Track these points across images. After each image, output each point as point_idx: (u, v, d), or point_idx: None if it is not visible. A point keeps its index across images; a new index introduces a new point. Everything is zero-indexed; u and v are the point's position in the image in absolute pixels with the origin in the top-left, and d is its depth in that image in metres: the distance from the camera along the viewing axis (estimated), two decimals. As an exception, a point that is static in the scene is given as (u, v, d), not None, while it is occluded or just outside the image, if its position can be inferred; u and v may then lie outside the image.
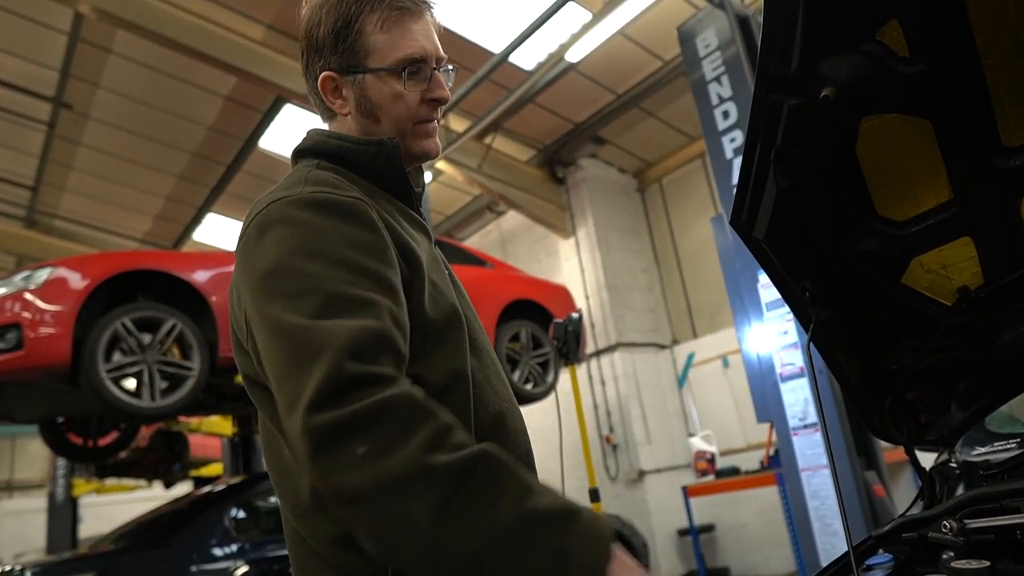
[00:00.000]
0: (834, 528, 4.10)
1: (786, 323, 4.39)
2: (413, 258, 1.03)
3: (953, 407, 1.63)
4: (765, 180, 1.24)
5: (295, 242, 0.93)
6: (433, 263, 1.12)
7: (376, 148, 1.11)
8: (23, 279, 3.84)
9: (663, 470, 8.31)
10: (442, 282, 1.10)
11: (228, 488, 4.57)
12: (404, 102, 1.13)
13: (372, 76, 1.12)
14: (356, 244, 0.94)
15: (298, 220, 0.95)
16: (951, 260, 1.36)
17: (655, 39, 7.20)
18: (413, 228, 1.12)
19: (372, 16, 1.11)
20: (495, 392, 1.10)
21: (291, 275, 0.91)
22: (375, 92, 1.13)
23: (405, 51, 1.11)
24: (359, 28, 1.11)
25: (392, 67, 1.11)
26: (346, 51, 1.12)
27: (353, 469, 0.79)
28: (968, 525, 1.19)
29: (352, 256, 0.93)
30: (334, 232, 0.94)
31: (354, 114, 1.15)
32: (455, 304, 1.09)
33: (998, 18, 1.01)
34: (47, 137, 8.19)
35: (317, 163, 1.11)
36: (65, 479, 8.40)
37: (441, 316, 1.04)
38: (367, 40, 1.11)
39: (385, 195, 1.12)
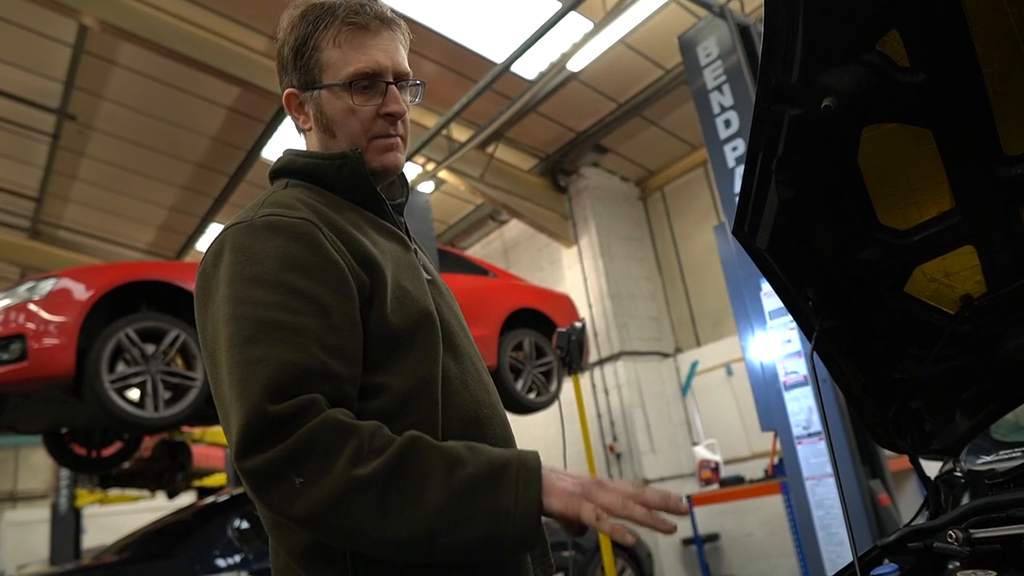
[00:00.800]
0: (839, 537, 4.08)
1: (789, 331, 4.39)
2: (374, 267, 1.06)
3: (958, 416, 1.62)
4: (767, 190, 1.24)
5: (238, 267, 0.98)
6: (407, 269, 1.14)
7: (340, 161, 1.14)
8: (27, 290, 3.85)
9: (667, 479, 8.28)
10: (415, 287, 1.12)
11: (231, 499, 4.56)
12: (357, 116, 1.15)
13: (327, 91, 1.15)
14: (295, 265, 0.98)
15: (244, 246, 1.00)
16: (954, 269, 1.35)
17: (656, 48, 7.22)
18: (383, 237, 1.14)
19: (327, 33, 1.14)
20: (472, 397, 1.12)
21: (232, 302, 0.97)
22: (329, 107, 1.16)
23: (355, 66, 1.13)
24: (315, 44, 1.14)
25: (341, 82, 1.13)
26: (303, 67, 1.15)
27: (295, 499, 0.87)
28: (974, 535, 1.19)
29: (288, 278, 0.97)
30: (274, 255, 0.98)
31: (315, 129, 1.19)
32: (427, 307, 1.10)
33: (998, 27, 1.02)
34: (51, 148, 8.23)
35: (287, 182, 1.16)
36: (68, 490, 8.40)
37: (409, 321, 1.07)
38: (322, 56, 1.14)
39: (353, 207, 1.15)
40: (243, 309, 0.95)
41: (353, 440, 0.89)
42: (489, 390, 1.18)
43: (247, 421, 0.88)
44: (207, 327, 1.01)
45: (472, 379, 1.14)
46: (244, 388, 0.90)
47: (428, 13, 6.40)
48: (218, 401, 0.98)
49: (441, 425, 1.05)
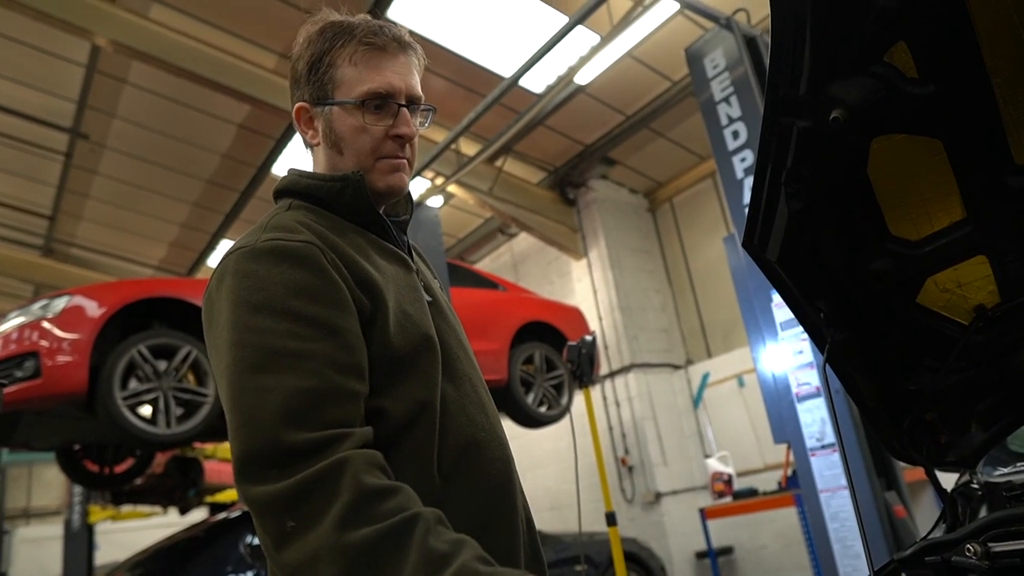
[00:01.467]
0: (855, 550, 4.04)
1: (801, 342, 4.36)
2: (375, 291, 1.06)
3: (973, 427, 1.61)
4: (777, 202, 1.24)
5: (243, 293, 0.98)
6: (409, 292, 1.14)
7: (342, 183, 1.14)
8: (41, 308, 3.88)
9: (680, 492, 8.22)
10: (416, 311, 1.12)
11: (243, 515, 4.56)
12: (367, 135, 1.15)
13: (338, 108, 1.15)
14: (300, 290, 0.98)
15: (248, 271, 1.00)
16: (966, 279, 1.35)
17: (663, 60, 7.24)
18: (385, 259, 1.14)
19: (344, 51, 1.14)
20: (470, 420, 1.12)
21: (237, 328, 0.96)
22: (339, 124, 1.16)
23: (369, 85, 1.14)
24: (331, 61, 1.15)
25: (354, 100, 1.14)
26: (317, 82, 1.16)
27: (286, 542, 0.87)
28: (993, 548, 1.17)
29: (295, 304, 0.97)
30: (278, 280, 0.98)
31: (322, 144, 1.19)
32: (427, 332, 1.10)
33: (1007, 37, 1.02)
34: (64, 167, 8.33)
35: (290, 203, 1.16)
36: (81, 506, 8.42)
37: (410, 345, 1.06)
38: (337, 72, 1.15)
39: (355, 228, 1.15)
40: (250, 337, 0.95)
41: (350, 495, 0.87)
42: (487, 412, 1.18)
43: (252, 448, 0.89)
44: (214, 352, 1.01)
45: (470, 402, 1.14)
46: (253, 416, 0.90)
47: (437, 29, 6.46)
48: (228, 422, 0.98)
49: (438, 449, 1.05)
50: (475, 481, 1.09)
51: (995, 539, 1.20)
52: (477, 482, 1.09)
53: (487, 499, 1.10)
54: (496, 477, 1.12)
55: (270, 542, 0.89)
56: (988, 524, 1.22)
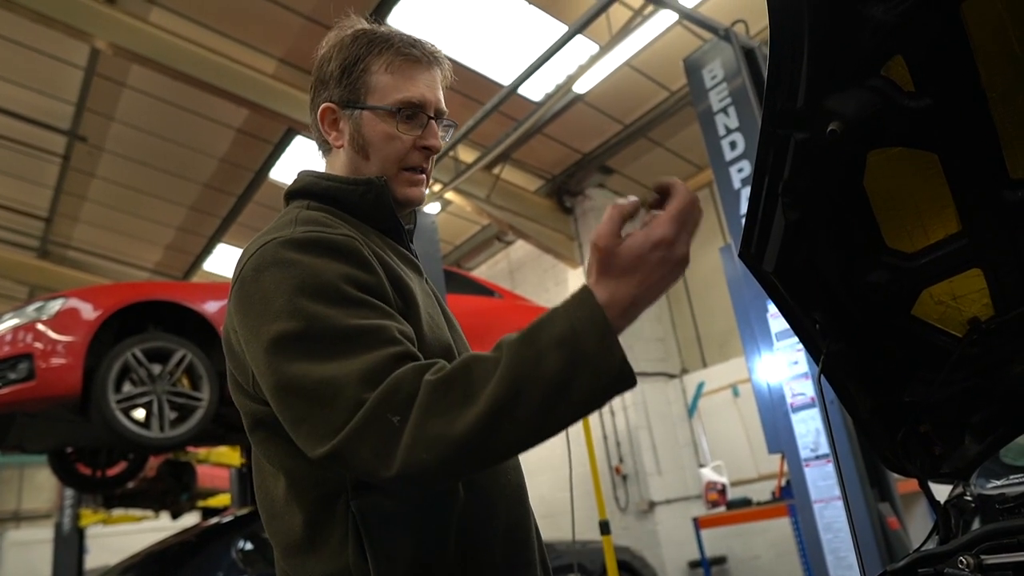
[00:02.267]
0: (848, 561, 4.04)
1: (796, 353, 4.37)
2: (408, 293, 1.04)
3: (967, 439, 1.61)
4: (773, 213, 1.24)
5: (294, 282, 0.93)
6: (426, 298, 1.13)
7: (365, 187, 1.13)
8: (35, 310, 3.87)
9: (673, 501, 8.22)
10: (437, 318, 1.12)
11: (236, 519, 4.54)
12: (396, 143, 1.15)
13: (369, 113, 1.15)
14: (352, 281, 0.95)
15: (293, 260, 0.95)
16: (961, 291, 1.35)
17: (662, 70, 7.27)
18: (404, 264, 1.14)
19: (380, 58, 1.15)
20: None
21: (296, 317, 0.91)
22: (369, 129, 1.15)
23: (404, 94, 1.14)
24: (365, 66, 1.15)
25: (389, 107, 1.14)
26: (349, 85, 1.15)
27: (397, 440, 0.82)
28: (985, 561, 1.18)
29: (351, 291, 0.94)
30: (329, 270, 0.94)
31: (346, 147, 1.18)
32: (448, 342, 1.10)
33: (1002, 52, 1.02)
34: (61, 169, 8.32)
35: (307, 204, 1.14)
36: (72, 509, 8.36)
37: (436, 352, 1.04)
38: (371, 78, 1.15)
39: (375, 232, 1.14)
40: (315, 323, 0.90)
41: (432, 368, 0.86)
42: None
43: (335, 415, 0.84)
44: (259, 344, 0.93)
45: None
46: (335, 393, 0.85)
47: (436, 36, 6.45)
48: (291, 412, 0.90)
49: None
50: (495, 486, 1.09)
51: (988, 551, 1.20)
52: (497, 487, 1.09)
53: (507, 504, 1.10)
54: (512, 482, 1.13)
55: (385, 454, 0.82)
56: (981, 536, 1.22)
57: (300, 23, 6.43)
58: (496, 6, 6.25)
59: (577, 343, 0.82)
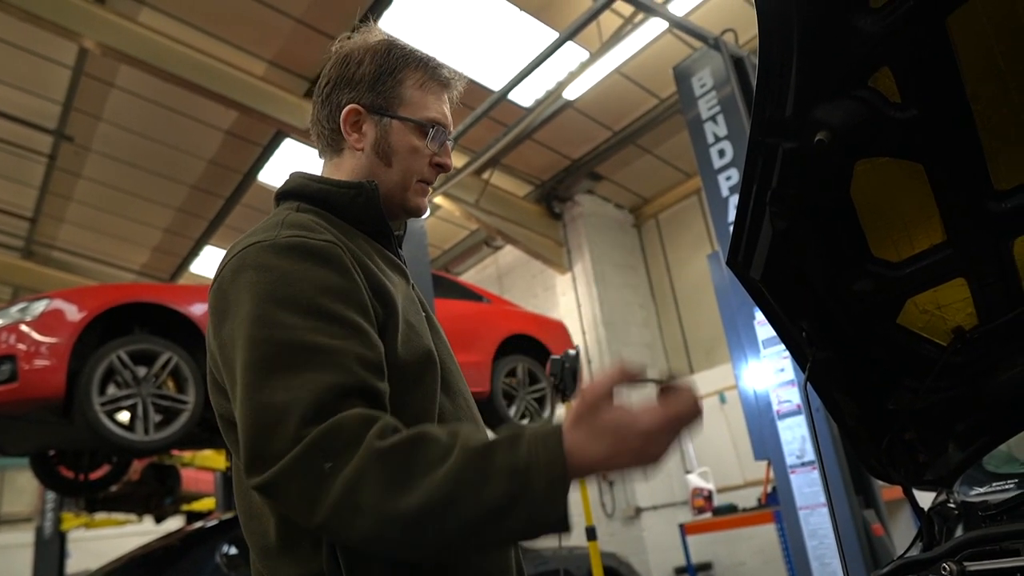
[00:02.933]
0: (833, 567, 4.05)
1: (783, 360, 4.39)
2: (388, 299, 1.05)
3: (951, 447, 1.63)
4: (761, 222, 1.25)
5: (267, 287, 0.95)
6: (410, 304, 1.14)
7: (355, 191, 1.15)
8: (19, 311, 3.83)
9: (660, 507, 8.23)
10: (418, 323, 1.12)
11: (220, 524, 4.50)
12: (419, 157, 1.21)
13: (399, 123, 1.19)
14: (327, 289, 0.96)
15: (271, 265, 0.97)
16: (945, 301, 1.37)
17: (651, 78, 7.31)
18: (390, 269, 1.15)
19: (415, 73, 1.21)
20: None
21: (261, 323, 0.92)
22: (397, 139, 1.19)
23: (435, 113, 1.21)
24: (401, 78, 1.20)
25: (421, 122, 1.19)
26: (382, 93, 1.18)
27: (326, 486, 0.82)
28: (968, 568, 1.19)
29: (322, 302, 0.94)
30: (305, 277, 0.96)
31: (367, 151, 1.20)
32: (430, 346, 1.10)
33: (986, 65, 1.04)
34: (47, 169, 8.25)
35: (297, 206, 1.15)
36: (54, 513, 8.27)
37: (415, 358, 1.06)
38: (405, 91, 1.20)
39: (364, 237, 1.16)
40: (278, 333, 0.91)
41: (377, 423, 0.86)
42: (480, 426, 1.19)
43: (267, 446, 0.85)
44: (227, 345, 0.96)
45: (465, 416, 1.15)
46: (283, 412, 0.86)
47: (428, 41, 6.48)
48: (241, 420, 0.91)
49: None
50: None
51: (970, 558, 1.21)
52: None
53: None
54: None
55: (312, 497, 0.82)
56: (964, 543, 1.23)
57: (290, 25, 6.42)
58: (487, 12, 6.27)
59: (528, 481, 0.81)
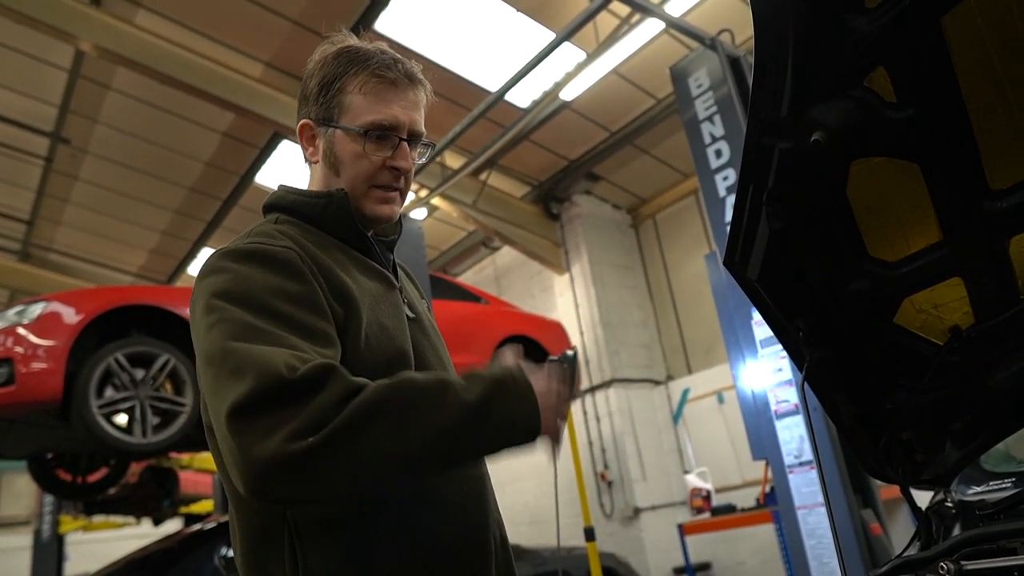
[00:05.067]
0: (831, 567, 4.06)
1: (780, 360, 4.39)
2: (349, 302, 1.08)
3: (948, 446, 1.63)
4: (758, 222, 1.26)
5: (222, 287, 1.01)
6: (389, 307, 1.16)
7: (326, 200, 1.18)
8: (16, 314, 3.82)
9: (659, 507, 8.23)
10: (394, 325, 1.14)
11: (218, 526, 4.50)
12: (365, 162, 1.19)
13: (341, 132, 1.19)
14: (279, 292, 1.01)
15: (228, 269, 1.03)
16: (942, 300, 1.37)
17: (648, 78, 7.31)
18: (365, 275, 1.17)
19: (356, 78, 1.18)
20: None
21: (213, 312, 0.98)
22: (340, 147, 1.19)
23: (374, 116, 1.17)
24: (341, 86, 1.18)
25: (358, 128, 1.17)
26: (325, 104, 1.19)
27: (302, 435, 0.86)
28: (965, 567, 1.19)
29: (274, 304, 0.99)
30: (259, 280, 1.01)
31: (321, 163, 1.23)
32: (403, 347, 1.13)
33: (981, 65, 1.04)
34: (44, 171, 8.24)
35: (277, 217, 1.20)
36: (52, 516, 8.26)
37: (382, 359, 1.08)
38: (345, 98, 1.18)
39: (339, 245, 1.18)
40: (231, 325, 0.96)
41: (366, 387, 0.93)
42: None
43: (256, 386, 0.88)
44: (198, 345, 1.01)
45: None
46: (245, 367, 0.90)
47: (424, 42, 6.48)
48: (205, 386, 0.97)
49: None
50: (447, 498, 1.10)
51: (968, 557, 1.21)
52: (449, 499, 1.10)
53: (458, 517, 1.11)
54: (468, 494, 1.14)
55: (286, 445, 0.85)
56: (961, 542, 1.24)
57: (287, 27, 6.42)
58: (484, 12, 6.27)
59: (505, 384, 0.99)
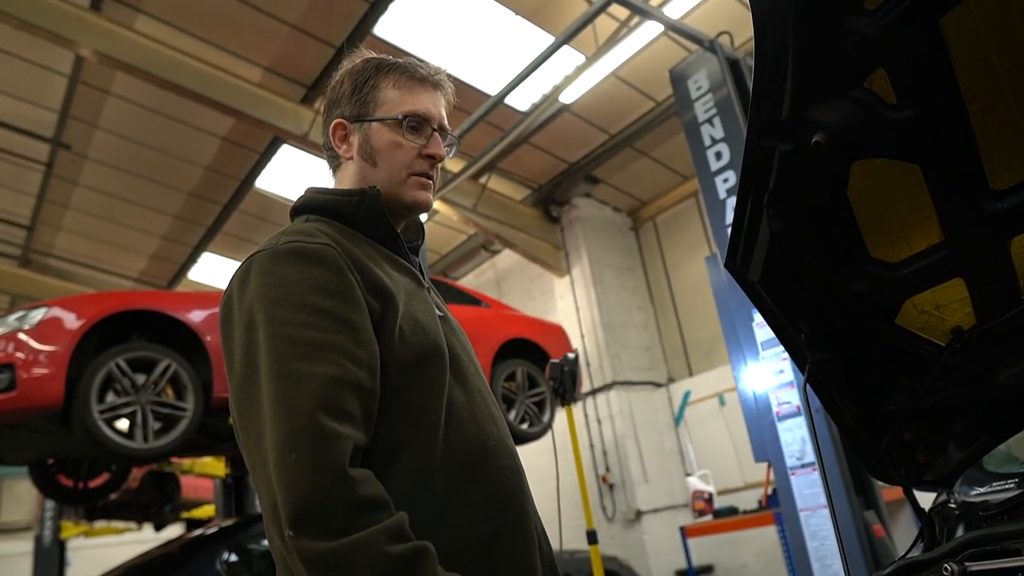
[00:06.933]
0: (834, 569, 4.05)
1: (782, 362, 4.39)
2: (386, 295, 1.10)
3: (951, 447, 1.63)
4: (759, 223, 1.26)
5: (263, 291, 1.03)
6: (420, 303, 1.18)
7: (358, 198, 1.20)
8: (17, 319, 3.82)
9: (660, 510, 8.21)
10: (427, 320, 1.16)
11: (220, 531, 4.49)
12: (402, 151, 1.23)
13: (377, 124, 1.24)
14: (318, 288, 1.04)
15: (268, 271, 1.06)
16: (944, 301, 1.37)
17: (647, 81, 7.32)
18: (396, 271, 1.19)
19: (390, 76, 1.26)
20: (481, 429, 1.14)
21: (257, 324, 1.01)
22: (377, 138, 1.24)
23: (410, 106, 1.24)
24: (375, 84, 1.25)
25: (396, 117, 1.23)
26: (359, 101, 1.25)
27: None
28: (969, 568, 1.19)
29: (312, 299, 1.02)
30: (299, 278, 1.04)
31: (355, 158, 1.26)
32: (436, 341, 1.14)
33: (981, 66, 1.04)
34: (44, 177, 8.24)
35: (307, 218, 1.22)
36: (53, 521, 8.25)
37: (418, 350, 1.10)
38: (379, 94, 1.25)
39: (369, 242, 1.21)
40: (272, 329, 0.99)
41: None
42: (498, 424, 1.20)
43: (295, 434, 0.92)
44: (234, 352, 1.04)
45: (481, 412, 1.17)
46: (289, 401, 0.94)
47: (424, 46, 6.49)
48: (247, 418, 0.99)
49: (443, 455, 1.07)
50: (485, 487, 1.10)
51: (972, 558, 1.21)
52: (487, 488, 1.11)
53: (498, 505, 1.11)
54: (507, 485, 1.14)
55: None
56: (965, 543, 1.23)
57: (286, 32, 6.43)
58: (483, 17, 6.27)
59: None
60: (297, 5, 6.15)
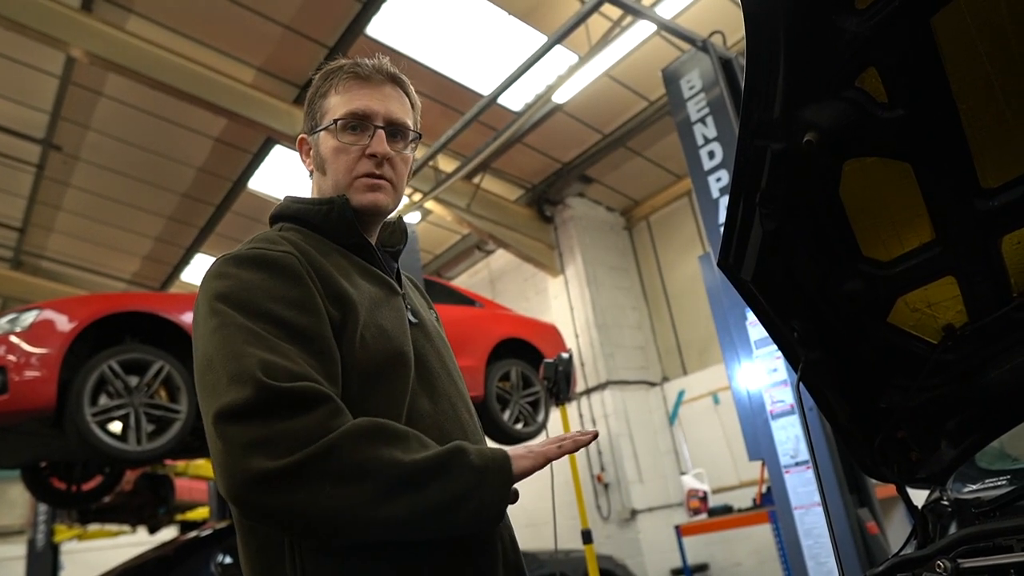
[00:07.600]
0: (828, 567, 4.06)
1: (775, 360, 4.40)
2: (347, 304, 1.10)
3: (943, 445, 1.63)
4: (751, 223, 1.26)
5: (221, 291, 1.04)
6: (389, 311, 1.18)
7: (327, 207, 1.20)
8: (9, 322, 3.80)
9: (655, 509, 8.23)
10: (394, 327, 1.15)
11: (214, 533, 4.48)
12: (344, 155, 1.22)
13: (324, 133, 1.24)
14: (277, 297, 1.04)
15: (228, 274, 1.07)
16: (935, 299, 1.37)
17: (640, 80, 7.33)
18: (366, 280, 1.18)
19: (334, 83, 1.25)
20: (446, 437, 1.11)
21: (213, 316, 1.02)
22: (323, 147, 1.24)
23: (347, 107, 1.22)
24: (324, 93, 1.26)
25: (330, 122, 1.23)
26: (311, 114, 1.27)
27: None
28: (962, 565, 1.19)
29: (272, 308, 1.03)
30: (259, 285, 1.05)
31: (314, 170, 1.28)
32: (401, 348, 1.14)
33: (972, 66, 1.05)
34: (36, 179, 8.21)
35: (281, 226, 1.23)
36: (46, 525, 8.21)
37: (380, 357, 1.10)
38: (325, 102, 1.25)
39: (341, 250, 1.21)
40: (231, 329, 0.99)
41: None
42: (467, 431, 1.19)
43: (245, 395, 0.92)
44: (197, 348, 1.04)
45: (448, 419, 1.16)
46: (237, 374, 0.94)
47: (416, 47, 6.48)
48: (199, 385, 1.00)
49: None
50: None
51: (964, 555, 1.21)
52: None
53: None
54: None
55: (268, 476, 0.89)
56: (958, 540, 1.24)
57: (279, 32, 6.41)
58: (476, 16, 6.27)
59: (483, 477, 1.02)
60: (289, 5, 6.14)
